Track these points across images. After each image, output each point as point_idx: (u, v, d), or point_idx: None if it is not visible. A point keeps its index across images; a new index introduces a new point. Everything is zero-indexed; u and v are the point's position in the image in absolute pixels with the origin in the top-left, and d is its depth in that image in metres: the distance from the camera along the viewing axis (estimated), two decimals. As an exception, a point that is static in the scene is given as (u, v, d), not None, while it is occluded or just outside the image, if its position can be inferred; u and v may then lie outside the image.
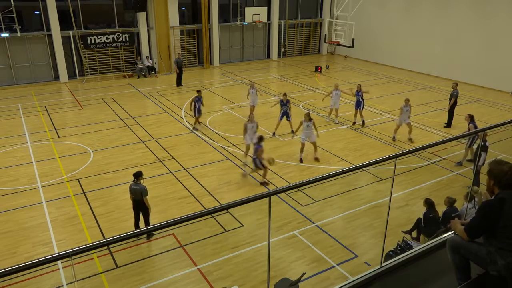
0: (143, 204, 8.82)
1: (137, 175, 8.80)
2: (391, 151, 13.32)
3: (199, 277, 7.79)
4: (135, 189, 8.76)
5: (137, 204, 8.86)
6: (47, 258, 2.54)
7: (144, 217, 8.98)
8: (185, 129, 15.48)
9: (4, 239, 8.91)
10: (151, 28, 24.11)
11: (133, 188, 8.79)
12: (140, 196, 8.71)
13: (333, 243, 8.81)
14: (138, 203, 8.83)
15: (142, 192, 8.72)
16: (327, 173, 3.86)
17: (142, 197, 8.72)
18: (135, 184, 8.77)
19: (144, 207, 8.85)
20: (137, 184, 8.75)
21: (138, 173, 8.84)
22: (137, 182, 8.76)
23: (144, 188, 8.76)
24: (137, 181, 8.76)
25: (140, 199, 8.76)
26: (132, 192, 8.83)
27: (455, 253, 3.66)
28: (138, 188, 8.73)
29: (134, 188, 8.78)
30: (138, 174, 8.82)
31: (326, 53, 31.50)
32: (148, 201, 8.82)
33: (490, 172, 3.46)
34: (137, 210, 8.95)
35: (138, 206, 8.87)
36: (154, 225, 2.91)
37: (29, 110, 17.70)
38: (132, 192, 8.84)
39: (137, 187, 8.74)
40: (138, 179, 8.77)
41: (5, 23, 20.02)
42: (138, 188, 8.73)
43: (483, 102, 19.38)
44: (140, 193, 8.71)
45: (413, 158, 12.45)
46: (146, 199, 8.77)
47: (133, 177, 8.83)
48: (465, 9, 22.34)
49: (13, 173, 12.00)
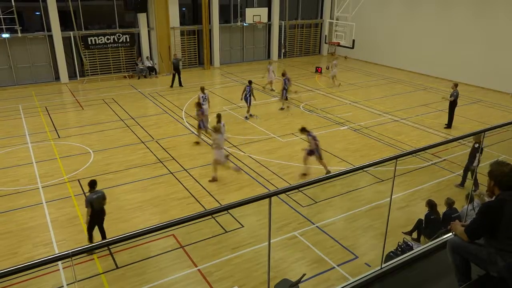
0: (103, 211, 8.45)
1: (93, 183, 8.38)
2: (391, 152, 13.32)
3: (200, 277, 7.79)
4: (98, 197, 8.30)
5: (99, 214, 8.41)
6: (47, 258, 2.55)
7: (101, 225, 8.57)
8: (185, 130, 15.49)
9: (4, 240, 8.92)
10: (152, 29, 24.12)
11: (94, 197, 8.27)
12: (102, 204, 8.34)
13: (334, 244, 8.81)
14: (100, 212, 8.41)
15: (104, 197, 8.37)
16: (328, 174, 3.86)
17: (104, 204, 8.37)
18: (95, 193, 8.31)
19: (103, 214, 8.48)
20: (97, 192, 8.35)
21: (94, 181, 8.42)
22: (96, 190, 8.35)
23: (104, 193, 8.42)
24: (92, 189, 8.32)
25: (101, 207, 8.37)
26: (93, 202, 8.24)
27: (455, 254, 3.66)
28: (100, 194, 8.35)
29: (96, 197, 8.28)
30: (94, 182, 8.40)
31: (327, 54, 31.51)
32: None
33: (491, 173, 3.46)
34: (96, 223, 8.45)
35: (100, 215, 8.44)
36: (155, 225, 2.90)
37: (29, 110, 17.72)
38: (93, 203, 8.24)
39: (99, 194, 8.34)
40: (94, 187, 8.35)
41: (6, 24, 20.04)
42: (100, 194, 8.35)
43: (483, 103, 19.38)
44: (102, 199, 8.35)
45: (413, 159, 12.45)
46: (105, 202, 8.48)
47: (89, 186, 8.37)
48: (466, 10, 22.35)
49: (14, 173, 12.01)
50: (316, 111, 17.72)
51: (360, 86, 22.35)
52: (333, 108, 18.23)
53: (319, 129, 15.47)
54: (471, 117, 17.08)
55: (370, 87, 22.24)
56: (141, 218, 9.80)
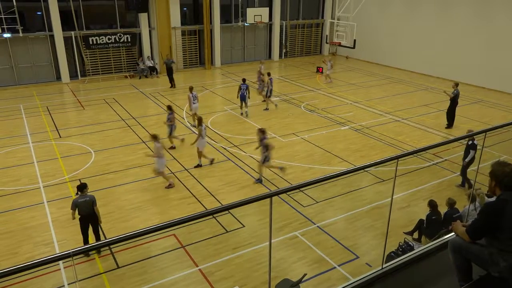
0: (93, 216, 8.34)
1: (82, 187, 8.26)
2: (392, 152, 13.30)
3: (200, 277, 7.79)
4: (85, 201, 8.17)
5: (87, 219, 8.30)
6: (48, 258, 2.55)
7: (95, 229, 8.48)
8: (186, 130, 15.49)
9: (5, 239, 8.93)
10: (153, 29, 24.13)
11: (82, 201, 8.15)
12: (90, 208, 8.24)
13: (334, 244, 8.80)
14: (88, 217, 8.28)
15: (93, 202, 8.27)
16: (329, 174, 3.86)
17: (93, 208, 8.28)
18: (82, 196, 8.17)
19: (95, 218, 8.39)
20: (85, 196, 8.21)
21: (84, 185, 8.32)
22: (84, 194, 8.22)
23: (93, 197, 8.33)
24: (82, 193, 8.20)
25: (90, 212, 8.26)
26: (81, 206, 8.15)
27: (456, 254, 3.65)
28: (88, 199, 8.21)
29: (83, 201, 8.15)
30: (83, 186, 8.28)
31: (328, 53, 31.49)
32: (98, 210, 8.39)
33: (492, 173, 3.45)
34: (86, 226, 8.34)
35: (88, 220, 8.33)
36: (156, 225, 2.90)
37: (31, 110, 17.73)
38: (81, 207, 8.15)
39: (87, 199, 8.20)
40: (83, 191, 8.22)
41: (7, 24, 20.06)
42: (88, 199, 8.21)
43: (485, 103, 19.35)
44: (91, 204, 8.23)
45: (414, 159, 12.44)
46: (97, 208, 8.35)
47: (78, 190, 8.24)
48: (467, 10, 22.32)
49: (15, 173, 12.02)
50: (317, 111, 17.71)
51: (361, 86, 22.33)
52: (334, 108, 18.22)
53: (320, 129, 15.48)
54: (472, 117, 17.05)
55: (371, 87, 22.22)
56: (142, 218, 9.81)
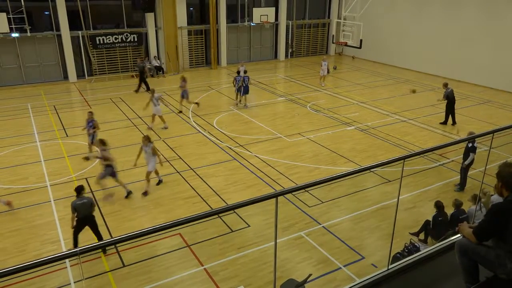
0: (91, 218, 8.41)
1: (80, 189, 8.31)
2: (398, 152, 13.24)
3: (205, 277, 7.81)
4: (83, 203, 8.22)
5: (84, 221, 8.35)
6: (55, 256, 2.56)
7: (96, 230, 8.52)
8: (192, 129, 15.52)
9: (13, 237, 9.01)
10: (159, 29, 24.21)
11: (80, 203, 8.19)
12: (89, 210, 8.30)
13: (340, 245, 8.78)
14: (85, 219, 8.34)
15: (92, 204, 8.38)
16: (334, 174, 3.85)
17: (91, 211, 8.35)
18: (80, 199, 8.22)
19: (93, 220, 8.45)
20: (82, 198, 8.27)
21: (81, 187, 8.37)
22: (82, 196, 8.27)
23: (92, 200, 8.46)
24: (79, 195, 8.25)
25: (88, 214, 8.32)
26: (79, 208, 8.18)
27: (463, 255, 3.63)
28: (86, 201, 8.29)
29: (81, 204, 8.20)
30: (81, 188, 8.34)
31: (334, 53, 31.41)
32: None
33: (499, 174, 3.43)
34: (81, 228, 8.38)
35: (86, 222, 8.38)
36: (161, 224, 2.91)
37: (38, 109, 17.86)
38: (79, 209, 8.19)
39: (84, 201, 8.27)
40: (81, 193, 8.27)
41: (15, 23, 20.22)
42: (86, 201, 8.29)
43: (493, 103, 19.19)
44: (89, 206, 8.31)
45: (421, 160, 12.37)
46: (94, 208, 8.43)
47: (76, 192, 8.30)
48: (475, 10, 22.14)
49: (22, 171, 12.12)
50: (323, 111, 17.67)
51: (368, 86, 22.25)
52: (340, 108, 18.17)
53: (326, 129, 15.45)
54: (480, 117, 16.93)
55: (377, 87, 22.13)
56: (147, 217, 9.85)
